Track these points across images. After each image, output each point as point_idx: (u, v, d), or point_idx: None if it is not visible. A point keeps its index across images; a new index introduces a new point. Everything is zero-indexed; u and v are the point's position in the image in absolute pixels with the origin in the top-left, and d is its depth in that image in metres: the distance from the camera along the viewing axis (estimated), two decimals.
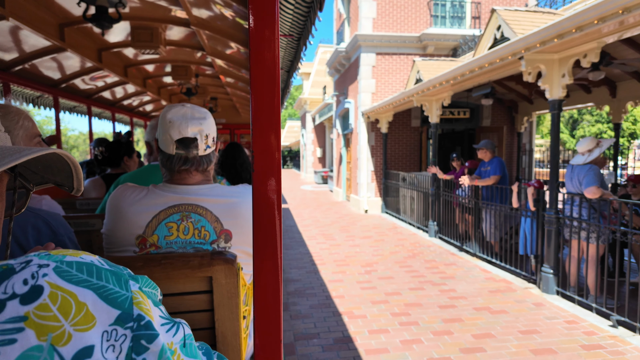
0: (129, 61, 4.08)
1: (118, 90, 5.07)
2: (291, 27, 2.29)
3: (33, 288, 0.40)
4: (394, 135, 10.37)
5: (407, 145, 10.48)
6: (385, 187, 10.05)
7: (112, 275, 0.47)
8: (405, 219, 8.82)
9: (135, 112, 6.69)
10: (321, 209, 11.26)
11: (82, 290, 0.43)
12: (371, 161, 10.32)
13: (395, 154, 10.43)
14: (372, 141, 10.32)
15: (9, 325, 0.38)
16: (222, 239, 1.19)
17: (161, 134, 1.21)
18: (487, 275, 5.03)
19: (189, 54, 3.90)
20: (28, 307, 0.39)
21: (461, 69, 5.39)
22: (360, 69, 10.17)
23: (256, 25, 0.72)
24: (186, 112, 1.20)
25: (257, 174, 0.74)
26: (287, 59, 3.03)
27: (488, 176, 5.55)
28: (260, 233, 0.75)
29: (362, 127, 10.27)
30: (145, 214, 1.15)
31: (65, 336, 0.40)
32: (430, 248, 6.49)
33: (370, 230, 8.02)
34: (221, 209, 1.20)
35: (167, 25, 3.04)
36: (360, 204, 10.35)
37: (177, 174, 1.22)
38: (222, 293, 1.03)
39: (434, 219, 7.21)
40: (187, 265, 1.00)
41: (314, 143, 23.03)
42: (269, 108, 0.74)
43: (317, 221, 9.25)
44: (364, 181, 10.29)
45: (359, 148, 10.49)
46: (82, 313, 0.41)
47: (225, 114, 8.03)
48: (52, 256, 0.44)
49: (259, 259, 0.75)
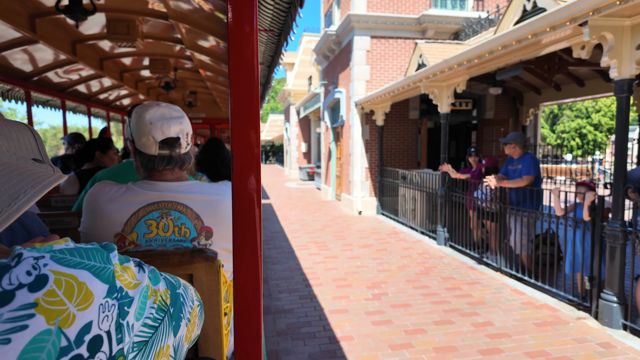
0: (104, 54, 3.95)
1: (94, 84, 4.92)
2: (272, 23, 2.27)
3: (38, 277, 0.43)
4: (391, 128, 9.38)
5: (404, 140, 9.50)
6: (381, 186, 9.06)
7: (96, 252, 0.50)
8: (405, 222, 7.85)
9: (112, 107, 6.47)
10: (309, 210, 10.19)
11: (80, 271, 0.46)
12: (365, 157, 9.31)
13: (392, 149, 9.44)
14: (367, 135, 9.29)
15: (20, 312, 0.40)
16: (202, 236, 1.19)
17: (140, 136, 1.17)
18: (522, 299, 4.09)
19: (167, 48, 3.82)
20: (37, 294, 0.42)
21: (488, 45, 4.40)
22: (353, 54, 9.10)
23: (235, 19, 0.71)
24: (164, 112, 1.18)
25: (237, 171, 0.73)
26: (268, 54, 2.99)
27: (518, 176, 4.60)
28: (240, 230, 0.74)
29: (356, 119, 9.23)
30: (124, 211, 1.14)
31: (70, 318, 0.43)
32: (444, 260, 5.52)
33: (368, 237, 7.01)
34: (202, 206, 1.20)
35: (144, 18, 2.95)
36: (354, 204, 9.33)
37: (154, 172, 1.20)
38: (203, 290, 1.04)
39: (443, 224, 6.25)
40: (166, 263, 1.00)
41: (299, 137, 21.88)
42: (248, 104, 0.73)
43: (306, 225, 8.19)
44: (358, 179, 9.27)
45: (351, 142, 9.45)
46: (82, 293, 0.45)
47: (205, 109, 7.94)
48: (42, 248, 0.47)
49: (239, 256, 0.75)
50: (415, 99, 9.32)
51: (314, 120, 20.53)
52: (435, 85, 6.12)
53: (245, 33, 0.71)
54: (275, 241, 6.80)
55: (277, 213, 9.79)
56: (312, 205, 11.11)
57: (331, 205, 11.01)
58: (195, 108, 7.45)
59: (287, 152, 24.19)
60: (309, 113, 18.60)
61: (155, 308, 0.55)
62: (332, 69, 11.33)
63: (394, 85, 7.09)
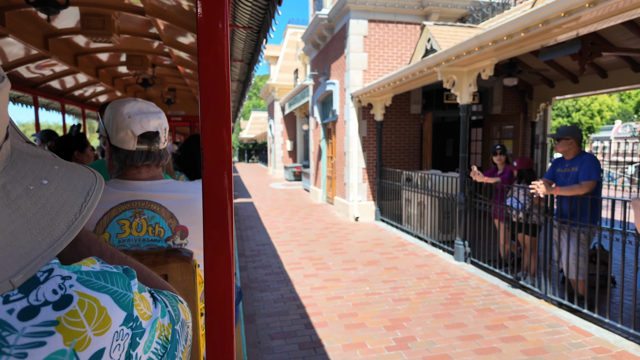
0: (79, 49, 3.87)
1: (68, 80, 4.77)
2: (250, 20, 2.23)
3: (63, 297, 0.44)
4: (390, 124, 8.38)
5: (405, 137, 8.52)
6: (381, 189, 8.06)
7: (119, 277, 0.50)
8: (410, 230, 6.86)
9: (88, 104, 6.26)
10: (299, 215, 9.11)
11: (103, 295, 0.46)
12: (362, 156, 8.28)
13: (392, 147, 8.45)
14: (364, 131, 8.27)
15: (41, 328, 0.41)
16: (177, 235, 1.17)
17: (117, 131, 1.14)
18: (590, 342, 3.13)
19: (145, 44, 3.77)
20: (60, 313, 0.42)
21: (534, 16, 3.42)
22: (349, 40, 8.05)
23: (205, 14, 0.69)
24: (141, 106, 1.17)
25: (207, 169, 0.71)
26: (248, 52, 2.97)
27: (574, 181, 3.65)
28: (210, 230, 0.73)
29: (352, 114, 8.18)
30: (96, 211, 1.11)
31: (86, 341, 0.43)
32: (470, 283, 4.54)
33: (372, 250, 5.98)
34: (176, 204, 1.17)
35: (120, 12, 2.90)
36: (349, 209, 8.29)
37: (130, 169, 1.18)
38: (178, 291, 0.98)
39: (462, 237, 5.28)
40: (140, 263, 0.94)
41: (284, 135, 20.72)
42: (219, 101, 0.70)
43: (297, 234, 7.10)
44: (354, 181, 8.23)
45: (346, 140, 8.41)
46: (102, 317, 0.45)
47: (185, 106, 7.71)
48: (70, 267, 0.47)
49: (209, 255, 0.73)
50: (417, 91, 8.35)
51: (300, 116, 19.42)
52: (454, 71, 5.13)
53: (215, 28, 0.69)
54: (262, 257, 5.69)
55: (263, 219, 8.66)
56: (302, 209, 10.02)
57: (323, 209, 9.94)
58: (174, 105, 7.21)
59: (271, 151, 22.99)
60: (294, 109, 17.47)
61: (159, 343, 0.54)
62: (323, 58, 10.25)
63: (401, 72, 6.07)
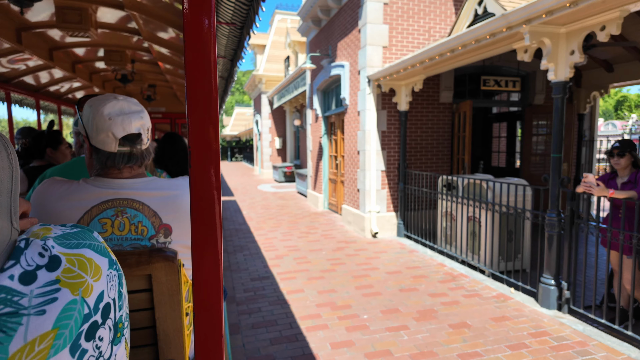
0: (55, 44, 3.75)
1: (43, 75, 4.61)
2: (234, 15, 2.21)
3: (51, 258, 0.49)
4: (415, 115, 6.72)
5: (433, 132, 6.87)
6: (405, 197, 6.39)
7: (84, 233, 0.56)
8: (453, 254, 5.22)
9: (64, 100, 6.09)
10: (299, 229, 7.36)
11: (84, 250, 0.53)
12: (381, 156, 6.59)
13: (416, 144, 6.79)
14: (384, 124, 6.57)
15: (48, 288, 0.46)
16: (161, 234, 1.14)
17: (98, 132, 1.09)
18: None
19: (124, 39, 3.69)
20: (57, 272, 0.48)
21: None
22: (365, 9, 6.33)
23: (191, 9, 0.67)
24: (123, 106, 1.10)
25: (195, 167, 0.70)
26: (231, 48, 2.94)
27: None
28: (199, 229, 0.71)
29: (369, 103, 6.47)
30: (76, 209, 1.08)
31: (89, 288, 0.49)
32: (595, 355, 2.90)
33: (415, 288, 4.29)
34: (159, 202, 1.15)
35: (98, 6, 2.83)
36: (365, 222, 6.60)
37: (113, 169, 1.14)
38: (163, 291, 1.00)
39: (555, 274, 3.66)
40: (124, 263, 0.96)
41: (272, 131, 18.86)
42: (206, 98, 0.69)
43: (304, 260, 5.37)
44: (372, 187, 6.53)
45: (361, 136, 6.70)
46: (93, 267, 0.52)
47: (165, 103, 7.58)
48: (43, 237, 0.52)
49: (198, 255, 0.72)
50: (449, 75, 6.72)
51: (290, 111, 17.61)
52: (548, 33, 3.48)
53: (202, 23, 0.67)
54: (261, 303, 3.93)
55: (256, 235, 6.87)
56: (301, 219, 8.27)
57: (327, 220, 8.22)
58: (155, 102, 6.98)
59: (258, 149, 21.09)
60: (284, 103, 15.66)
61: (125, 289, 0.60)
62: (326, 37, 8.50)
63: (452, 41, 4.39)
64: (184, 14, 0.67)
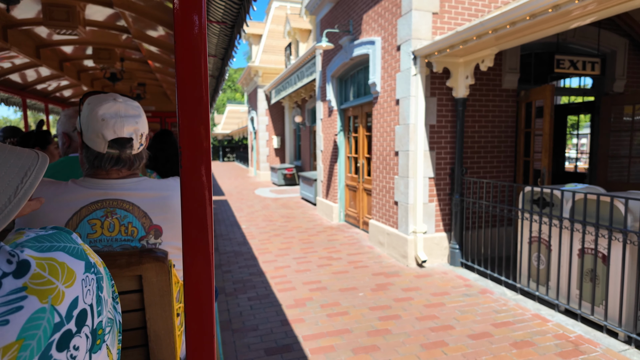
0: (42, 41, 3.69)
1: (29, 74, 4.53)
2: (224, 14, 2.21)
3: (20, 263, 0.45)
4: (472, 104, 5.15)
5: (494, 126, 5.30)
6: (461, 213, 4.81)
7: (60, 235, 0.53)
8: (553, 300, 3.64)
9: (51, 98, 5.96)
10: (316, 250, 5.73)
11: (56, 253, 0.49)
12: (429, 158, 5.00)
13: (473, 143, 5.22)
14: (433, 116, 4.97)
15: (12, 296, 0.43)
16: (151, 235, 1.13)
17: (90, 131, 1.08)
18: None
19: (113, 37, 3.66)
20: (24, 279, 0.44)
21: None
22: None
23: (182, 7, 0.66)
24: (119, 108, 1.10)
25: (185, 167, 0.69)
26: (221, 47, 2.94)
27: None
28: (190, 230, 0.70)
29: (414, 87, 4.86)
30: (64, 210, 1.06)
31: (60, 295, 0.46)
32: None
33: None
34: (150, 203, 1.13)
35: (86, 4, 2.79)
36: (408, 247, 4.99)
37: (99, 170, 1.13)
38: (154, 291, 1.00)
39: None
40: (114, 264, 0.96)
41: (269, 129, 17.16)
42: (197, 97, 0.68)
43: (335, 307, 3.74)
44: (419, 200, 4.92)
45: (402, 132, 5.10)
46: (66, 271, 0.48)
47: (155, 101, 7.52)
48: (12, 243, 0.49)
49: (189, 257, 0.71)
50: (514, 53, 5.16)
51: (290, 107, 15.96)
52: None
53: (192, 22, 0.66)
54: None
55: (262, 262, 5.23)
56: (315, 237, 6.64)
57: (348, 238, 6.60)
58: (144, 100, 6.94)
59: (253, 148, 19.37)
60: (284, 97, 14.00)
61: (113, 292, 0.56)
62: (346, 10, 6.86)
63: None
64: (175, 12, 0.65)
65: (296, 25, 15.59)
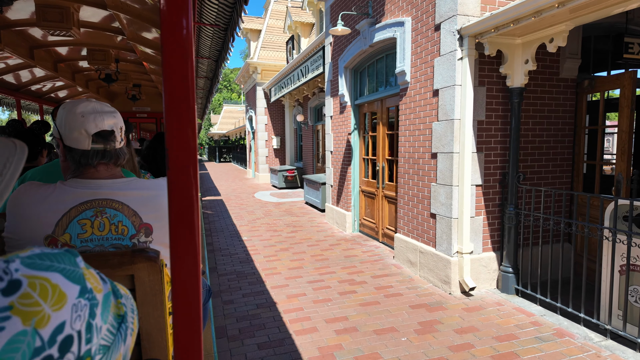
0: (36, 42, 3.71)
1: (24, 74, 4.54)
2: (217, 17, 2.22)
3: (11, 282, 0.42)
4: (526, 97, 4.25)
5: (550, 124, 4.41)
6: (516, 229, 3.92)
7: (64, 256, 0.50)
8: None
9: (46, 99, 5.96)
10: (333, 270, 4.81)
11: (52, 274, 0.46)
12: (477, 161, 4.09)
13: (527, 143, 4.32)
14: (481, 110, 4.07)
15: None
16: (142, 233, 1.13)
17: (71, 130, 1.10)
18: None
19: (107, 38, 3.67)
20: (12, 298, 0.41)
21: None
22: None
23: (169, 7, 0.63)
24: (95, 106, 1.13)
25: (172, 169, 0.67)
26: (215, 49, 2.96)
27: None
28: (177, 231, 0.68)
29: (459, 74, 3.95)
30: (54, 212, 1.06)
31: (45, 318, 0.43)
32: None
33: None
34: (140, 202, 1.13)
35: (80, 5, 2.82)
36: (452, 270, 4.07)
37: (87, 168, 1.13)
38: (146, 290, 1.00)
39: None
40: (106, 264, 0.97)
41: (269, 129, 16.21)
42: (184, 100, 0.66)
43: (368, 351, 2.82)
44: (466, 213, 4.00)
45: (442, 129, 4.19)
46: (57, 294, 0.45)
47: (151, 102, 7.51)
48: (9, 257, 0.46)
49: (176, 255, 0.69)
50: (575, 36, 4.27)
51: (290, 105, 15.04)
52: None
53: (179, 24, 0.64)
54: None
55: (271, 289, 4.29)
56: (329, 252, 5.71)
57: (368, 253, 5.67)
58: (140, 102, 6.97)
59: (251, 149, 18.41)
60: (284, 95, 13.07)
61: (113, 316, 0.55)
62: None
63: None
64: (161, 10, 0.64)
65: (298, 18, 14.68)
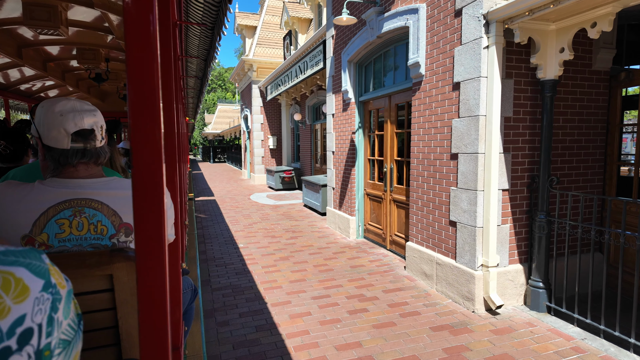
0: (24, 41, 3.64)
1: (12, 74, 4.50)
2: (204, 16, 2.23)
3: None
4: (557, 91, 3.82)
5: (582, 121, 3.98)
6: (547, 239, 3.48)
7: (29, 252, 0.51)
8: None
9: (35, 98, 5.88)
10: (340, 283, 4.35)
11: (17, 268, 0.47)
12: (504, 162, 3.65)
13: (557, 142, 3.89)
14: (509, 107, 3.62)
15: None
16: (122, 232, 1.12)
17: (50, 129, 1.09)
18: None
19: (97, 37, 3.64)
20: None
21: None
22: None
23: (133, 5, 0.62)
24: (75, 104, 1.11)
25: (137, 168, 0.67)
26: (203, 48, 2.98)
27: None
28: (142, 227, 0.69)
29: (484, 64, 3.50)
30: (31, 211, 1.05)
31: (5, 310, 0.43)
32: None
33: None
34: (119, 202, 1.13)
35: (68, 4, 2.77)
36: (476, 286, 3.63)
37: (66, 168, 1.12)
38: (125, 290, 1.00)
39: None
40: (83, 264, 0.97)
41: (265, 128, 15.70)
42: (148, 98, 0.65)
43: None
44: (492, 221, 3.55)
45: (464, 126, 3.74)
46: (19, 287, 0.45)
47: None
48: None
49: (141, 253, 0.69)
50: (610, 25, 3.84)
51: (287, 104, 14.57)
52: None
53: (144, 21, 0.62)
54: None
55: (269, 303, 3.81)
56: (333, 261, 5.25)
57: (375, 263, 5.21)
58: None
59: (247, 149, 17.90)
60: (281, 93, 12.58)
61: (75, 313, 0.56)
62: None
63: None
64: (124, 8, 0.62)
65: (295, 14, 14.20)
